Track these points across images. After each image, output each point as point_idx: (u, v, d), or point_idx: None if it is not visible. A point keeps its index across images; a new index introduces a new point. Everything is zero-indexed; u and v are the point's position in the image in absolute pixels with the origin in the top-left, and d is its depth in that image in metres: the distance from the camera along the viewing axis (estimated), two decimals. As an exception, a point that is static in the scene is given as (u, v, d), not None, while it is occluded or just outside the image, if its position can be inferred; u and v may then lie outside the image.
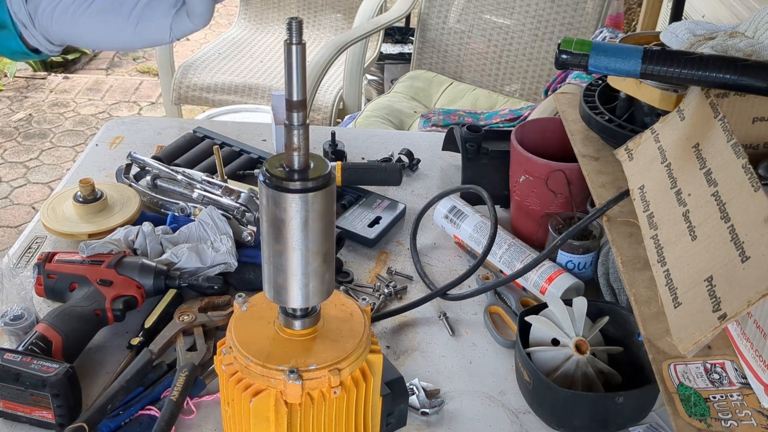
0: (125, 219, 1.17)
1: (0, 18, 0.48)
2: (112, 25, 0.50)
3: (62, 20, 0.49)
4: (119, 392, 0.88)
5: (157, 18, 0.49)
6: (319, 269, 0.55)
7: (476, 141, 1.24)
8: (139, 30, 0.49)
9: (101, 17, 0.50)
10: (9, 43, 0.52)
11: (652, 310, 0.81)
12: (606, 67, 0.88)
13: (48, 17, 0.49)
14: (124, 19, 0.50)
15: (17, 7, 0.46)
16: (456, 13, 2.46)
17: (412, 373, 0.98)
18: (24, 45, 0.52)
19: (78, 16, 0.49)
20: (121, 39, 0.51)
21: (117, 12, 0.49)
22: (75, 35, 0.51)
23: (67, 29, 0.50)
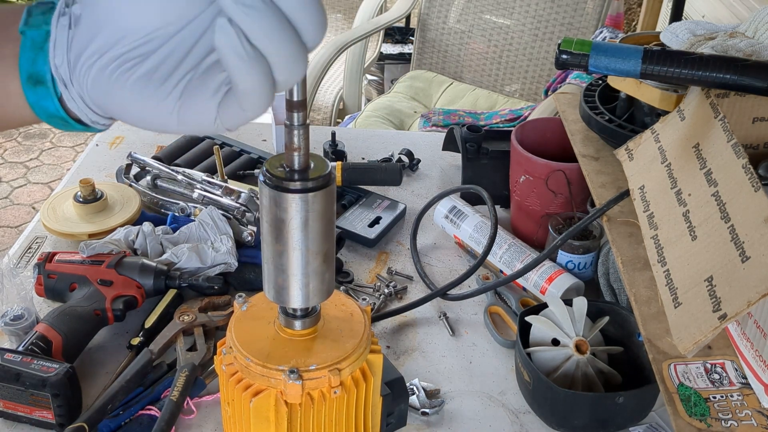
0: (125, 219, 1.17)
1: (38, 71, 0.43)
2: (151, 99, 0.42)
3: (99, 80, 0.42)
4: (119, 392, 0.88)
5: (201, 99, 0.42)
6: (319, 269, 0.55)
7: (476, 141, 1.24)
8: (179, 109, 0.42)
9: (140, 86, 0.42)
10: (45, 102, 0.44)
11: (652, 310, 0.81)
12: (606, 67, 0.88)
13: (85, 72, 0.42)
14: (165, 94, 0.42)
15: (60, 60, 0.42)
16: (456, 13, 2.46)
17: (412, 373, 0.98)
18: (63, 109, 0.45)
19: (115, 80, 0.42)
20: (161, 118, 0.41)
21: (159, 83, 0.41)
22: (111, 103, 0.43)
23: (103, 93, 0.43)
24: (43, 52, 0.43)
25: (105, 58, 0.41)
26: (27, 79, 0.43)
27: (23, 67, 0.43)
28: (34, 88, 0.44)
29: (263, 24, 0.39)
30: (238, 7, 0.38)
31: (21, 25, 0.43)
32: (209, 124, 0.42)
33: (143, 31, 0.41)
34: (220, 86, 0.41)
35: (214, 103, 0.42)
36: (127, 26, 0.41)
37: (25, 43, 0.43)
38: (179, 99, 0.41)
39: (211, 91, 0.41)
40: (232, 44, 0.39)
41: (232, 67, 0.40)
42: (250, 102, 0.41)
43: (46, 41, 0.43)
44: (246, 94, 0.40)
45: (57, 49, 0.42)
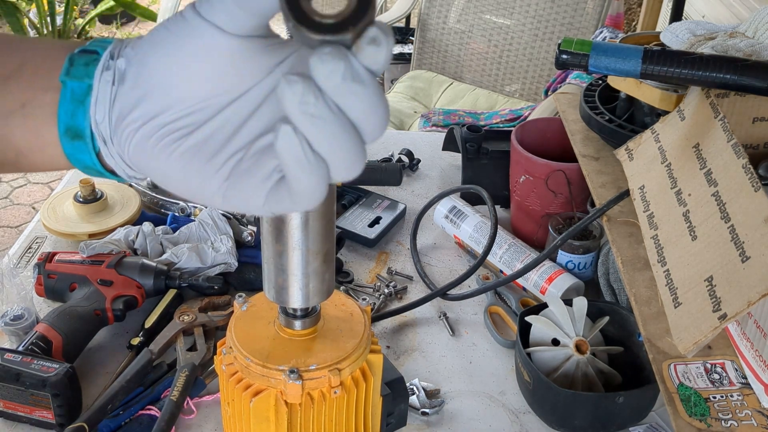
0: (125, 219, 1.17)
1: (77, 125, 0.41)
2: (197, 175, 0.40)
3: (142, 147, 0.40)
4: (119, 392, 0.88)
5: (250, 183, 0.39)
6: (319, 269, 0.55)
7: (476, 141, 1.24)
8: (226, 190, 0.40)
9: (186, 160, 0.40)
10: (82, 156, 0.42)
11: (652, 310, 0.81)
12: (606, 67, 0.88)
13: (128, 136, 0.40)
14: (212, 172, 0.39)
15: (101, 117, 0.40)
16: (456, 13, 2.46)
17: (412, 373, 0.98)
18: (100, 162, 0.43)
19: (160, 150, 0.39)
20: (206, 195, 0.41)
21: (206, 159, 0.39)
22: (153, 171, 0.41)
23: (145, 160, 0.40)
24: (84, 106, 0.41)
25: (150, 125, 0.40)
26: (65, 132, 0.42)
27: (62, 119, 0.42)
28: (71, 141, 0.42)
29: (328, 132, 0.37)
30: (306, 117, 0.36)
31: (62, 74, 0.41)
32: (256, 209, 0.40)
33: (192, 99, 0.39)
34: (271, 173, 0.39)
35: (263, 190, 0.39)
36: (175, 94, 0.39)
37: (65, 94, 0.41)
38: (226, 180, 0.40)
39: (261, 177, 0.39)
40: (294, 152, 0.37)
41: (291, 171, 0.38)
42: (304, 200, 0.39)
43: (88, 95, 0.41)
44: (301, 193, 0.39)
45: (98, 106, 0.41)
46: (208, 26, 0.38)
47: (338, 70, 0.35)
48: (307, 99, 0.36)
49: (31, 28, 4.00)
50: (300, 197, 0.39)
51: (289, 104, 0.36)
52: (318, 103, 0.36)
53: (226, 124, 0.40)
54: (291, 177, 0.38)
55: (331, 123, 0.36)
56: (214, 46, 0.39)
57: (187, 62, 0.39)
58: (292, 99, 0.36)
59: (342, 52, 0.36)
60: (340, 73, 0.35)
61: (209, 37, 0.39)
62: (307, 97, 0.36)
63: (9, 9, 3.73)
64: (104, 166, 0.43)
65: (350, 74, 0.36)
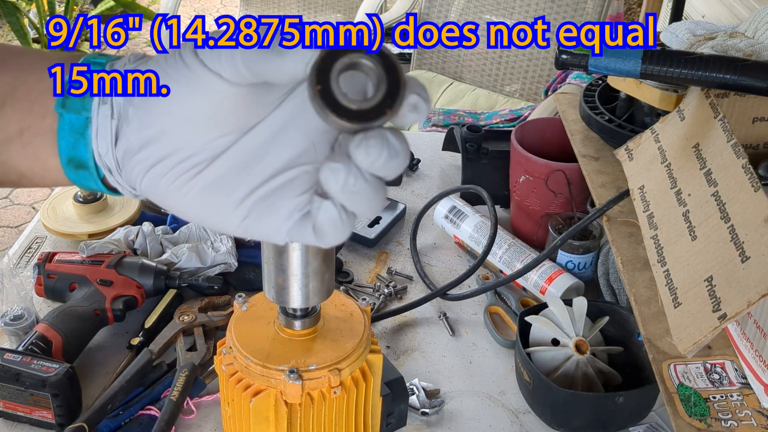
0: (125, 219, 1.17)
1: (79, 156, 0.41)
2: (217, 212, 0.40)
3: (155, 184, 0.40)
4: (119, 392, 0.89)
5: (274, 219, 0.40)
6: (319, 269, 0.55)
7: (476, 141, 1.24)
8: (246, 224, 0.40)
9: (204, 194, 0.40)
10: (87, 182, 0.42)
11: (652, 310, 0.81)
12: (606, 67, 0.88)
13: (138, 174, 0.40)
14: (232, 208, 0.40)
15: (104, 149, 0.40)
16: (456, 13, 2.46)
17: (412, 373, 0.98)
18: (104, 185, 0.43)
19: (176, 186, 0.40)
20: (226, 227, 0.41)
21: (226, 195, 0.40)
22: (167, 204, 0.41)
23: (159, 195, 0.41)
24: (84, 138, 0.41)
25: (161, 166, 0.40)
26: (67, 162, 0.42)
27: (63, 150, 0.41)
28: (75, 170, 0.42)
29: (365, 200, 0.39)
30: (346, 194, 0.38)
31: (57, 106, 0.41)
32: (278, 241, 0.41)
33: (200, 141, 0.39)
34: (292, 212, 0.40)
35: (286, 226, 0.40)
36: (183, 136, 0.39)
37: (63, 126, 0.41)
38: (246, 218, 0.40)
39: (283, 215, 0.40)
40: (333, 221, 0.39)
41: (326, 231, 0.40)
42: (330, 242, 0.41)
43: (87, 128, 0.41)
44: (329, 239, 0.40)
45: (100, 140, 0.40)
46: (212, 76, 0.38)
47: (382, 156, 0.37)
48: (348, 181, 0.38)
49: (31, 28, 4.00)
50: (326, 240, 0.41)
51: (333, 188, 0.38)
52: (358, 183, 0.38)
53: (239, 161, 0.40)
54: (323, 233, 0.40)
55: (368, 193, 0.38)
56: (218, 93, 0.39)
57: (191, 108, 0.39)
58: (336, 184, 0.38)
59: (383, 138, 0.37)
60: (384, 157, 0.37)
61: (213, 86, 0.38)
62: (348, 180, 0.38)
63: (9, 9, 3.73)
64: (109, 187, 0.43)
65: (392, 153, 0.37)
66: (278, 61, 0.37)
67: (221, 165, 0.40)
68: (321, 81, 0.36)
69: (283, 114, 0.40)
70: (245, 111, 0.39)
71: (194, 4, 4.98)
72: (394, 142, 0.37)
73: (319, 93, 0.36)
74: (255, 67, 0.37)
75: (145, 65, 0.40)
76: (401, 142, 0.37)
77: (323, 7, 3.06)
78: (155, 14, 4.09)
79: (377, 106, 0.36)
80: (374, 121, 0.36)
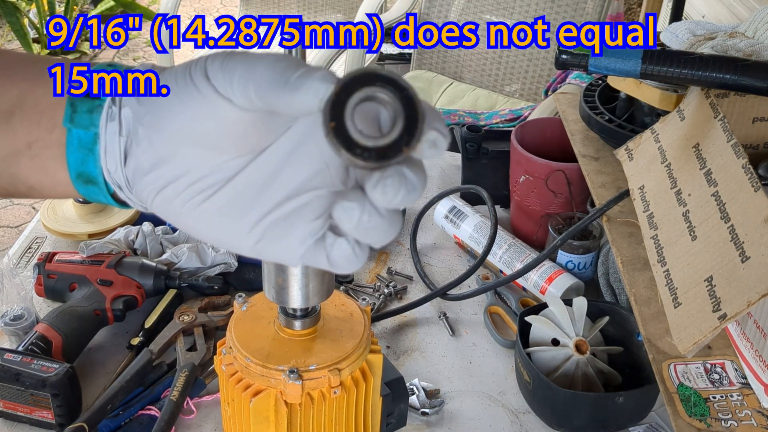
0: (125, 219, 1.17)
1: (88, 172, 0.40)
2: (229, 234, 0.40)
3: (166, 206, 0.40)
4: (119, 392, 0.89)
5: (288, 243, 0.40)
6: (319, 269, 0.55)
7: (476, 141, 1.24)
8: (260, 247, 0.40)
9: (217, 217, 0.40)
10: (97, 197, 0.42)
11: (652, 310, 0.81)
12: (606, 67, 0.88)
13: (149, 194, 0.40)
14: (246, 231, 0.40)
15: (113, 166, 0.40)
16: (456, 13, 2.46)
17: (412, 373, 0.98)
18: (114, 200, 0.43)
19: (189, 209, 0.40)
20: (236, 245, 0.41)
21: (239, 218, 0.39)
22: (180, 223, 0.41)
23: (171, 215, 0.40)
24: (93, 154, 0.40)
25: (172, 188, 0.39)
26: (77, 177, 0.41)
27: (72, 166, 0.41)
28: (84, 185, 0.42)
29: (380, 233, 0.38)
30: (360, 231, 0.38)
31: (65, 121, 0.40)
32: (292, 264, 0.42)
33: (211, 163, 0.39)
34: (306, 238, 0.40)
35: (298, 252, 0.40)
36: (194, 159, 0.39)
37: (71, 142, 0.41)
38: (260, 241, 0.40)
39: (297, 240, 0.40)
40: (347, 257, 0.39)
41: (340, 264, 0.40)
42: (343, 270, 0.41)
43: (95, 143, 0.40)
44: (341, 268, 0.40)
45: (109, 157, 0.40)
46: (223, 101, 0.38)
47: (400, 194, 0.36)
48: (363, 219, 0.37)
49: (31, 28, 4.00)
50: (340, 270, 0.41)
51: (347, 227, 0.38)
52: (372, 219, 0.37)
53: (252, 183, 0.40)
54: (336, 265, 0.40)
55: (383, 227, 0.38)
56: (229, 118, 0.38)
57: (201, 130, 0.39)
58: (350, 223, 0.38)
59: (401, 176, 0.36)
60: (401, 195, 0.36)
61: (224, 111, 0.38)
62: (363, 218, 0.37)
63: (9, 9, 3.73)
64: (119, 201, 0.43)
65: (409, 189, 0.36)
66: (292, 95, 0.36)
67: (233, 188, 0.39)
68: (335, 117, 0.35)
69: (296, 134, 0.40)
70: (256, 134, 0.39)
71: (194, 4, 4.98)
72: (412, 177, 0.36)
73: (333, 130, 0.35)
74: (268, 98, 0.37)
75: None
76: (419, 177, 0.36)
77: (323, 7, 3.06)
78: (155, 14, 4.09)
79: (394, 144, 0.35)
80: (391, 160, 0.35)
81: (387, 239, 0.39)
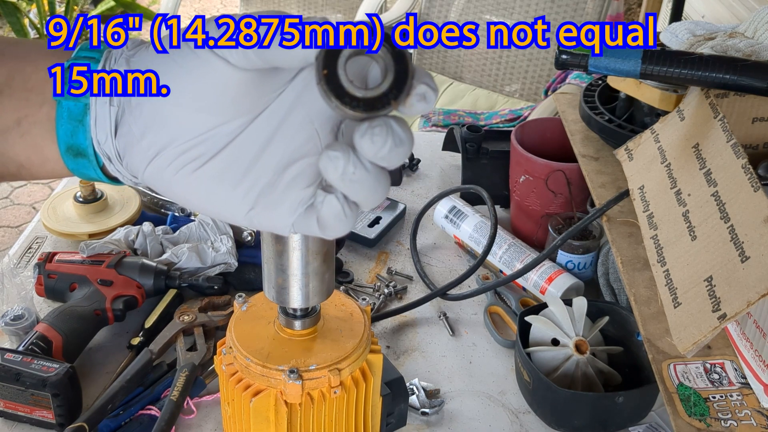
0: (125, 219, 1.17)
1: (78, 144, 0.40)
2: (222, 201, 0.40)
3: (158, 174, 0.40)
4: (119, 392, 0.89)
5: (280, 211, 0.40)
6: (319, 269, 0.55)
7: (476, 141, 1.24)
8: (252, 215, 0.40)
9: (209, 185, 0.40)
10: (86, 171, 0.42)
11: (652, 310, 0.81)
12: (606, 67, 0.88)
13: (140, 164, 0.40)
14: (239, 199, 0.40)
15: (102, 137, 0.40)
16: (456, 13, 2.46)
17: (412, 373, 0.98)
18: (104, 174, 0.42)
19: (181, 176, 0.39)
20: (231, 216, 0.41)
21: (232, 186, 0.39)
22: (171, 193, 0.41)
23: (162, 185, 0.40)
24: (83, 125, 0.40)
25: (165, 155, 0.39)
26: (66, 150, 0.41)
27: (61, 138, 0.41)
28: (74, 158, 0.42)
29: (366, 189, 0.39)
30: (346, 183, 0.38)
31: (55, 93, 0.41)
32: (282, 231, 0.42)
33: (203, 128, 0.39)
34: (298, 205, 0.40)
35: (291, 218, 0.40)
36: (187, 124, 0.39)
37: (61, 114, 0.41)
38: (252, 208, 0.40)
39: (288, 209, 0.40)
40: (336, 213, 0.39)
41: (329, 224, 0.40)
42: (334, 234, 0.41)
43: (86, 114, 0.40)
44: (332, 231, 0.41)
45: (99, 127, 0.40)
46: (219, 60, 0.38)
47: (387, 145, 0.37)
48: (347, 170, 0.37)
49: (32, 28, 4.00)
50: (330, 233, 0.41)
51: (332, 177, 0.38)
52: (357, 171, 0.37)
53: (246, 150, 0.40)
54: (326, 225, 0.40)
55: (369, 182, 0.38)
56: (224, 78, 0.38)
57: (195, 93, 0.39)
58: (335, 172, 0.37)
59: (388, 127, 0.36)
60: (387, 146, 0.37)
61: (219, 71, 0.38)
62: (347, 168, 0.37)
63: (9, 9, 3.73)
64: (108, 176, 0.43)
65: (396, 142, 0.37)
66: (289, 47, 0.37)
67: (227, 155, 0.40)
68: (328, 65, 0.35)
69: (287, 100, 0.40)
70: (249, 98, 0.39)
71: (194, 4, 4.98)
72: (399, 131, 0.37)
73: (325, 78, 0.35)
74: (265, 52, 0.37)
75: (147, 51, 0.40)
76: (406, 131, 0.37)
77: (323, 7, 3.07)
78: (155, 14, 4.10)
79: (384, 95, 0.36)
80: (380, 110, 0.36)
81: (375, 198, 0.39)
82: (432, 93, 0.37)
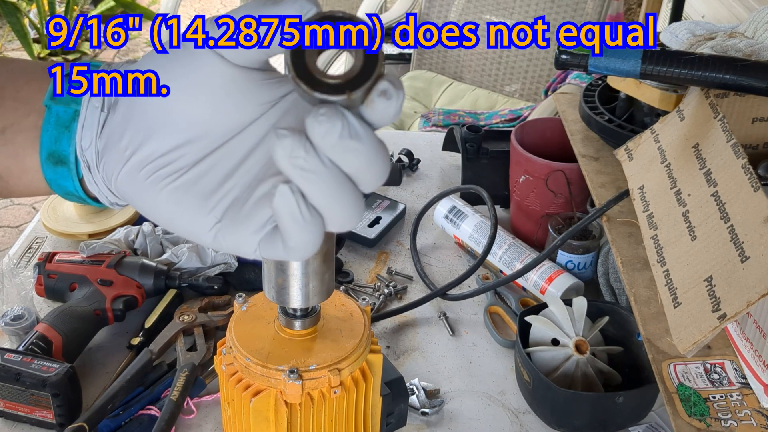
0: (125, 219, 1.17)
1: (61, 151, 0.40)
2: (188, 214, 0.39)
3: (131, 177, 0.38)
4: (119, 392, 0.89)
5: (242, 230, 0.39)
6: (319, 269, 0.55)
7: (476, 141, 1.24)
8: (217, 232, 0.39)
9: (178, 198, 0.38)
10: (64, 182, 0.41)
11: (652, 310, 0.81)
12: (606, 67, 0.88)
13: (115, 166, 0.39)
14: (205, 213, 0.38)
15: (87, 142, 0.39)
16: (456, 13, 2.46)
17: (412, 373, 0.98)
18: (82, 189, 0.42)
19: (149, 185, 0.38)
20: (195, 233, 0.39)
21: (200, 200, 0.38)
22: (140, 203, 0.39)
23: (132, 192, 0.39)
24: (69, 132, 0.40)
25: (139, 156, 0.39)
26: (47, 157, 0.41)
27: (45, 144, 0.40)
28: (54, 167, 0.41)
29: (322, 186, 0.36)
30: (296, 171, 0.36)
31: (47, 99, 0.40)
32: (247, 254, 0.40)
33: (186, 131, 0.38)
34: (265, 224, 0.39)
35: (256, 238, 0.39)
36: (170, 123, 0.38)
37: (49, 119, 0.40)
38: (219, 222, 0.39)
39: (254, 227, 0.39)
40: (290, 209, 0.37)
41: (286, 227, 0.38)
42: (297, 253, 0.39)
43: (74, 121, 0.40)
44: (295, 247, 0.38)
45: (85, 131, 0.39)
46: (210, 53, 0.38)
47: (335, 131, 0.35)
48: (296, 153, 0.35)
49: (32, 28, 4.00)
50: (293, 251, 0.39)
51: (280, 158, 0.36)
52: (308, 158, 0.35)
53: (221, 163, 0.39)
54: (285, 231, 0.38)
55: (324, 177, 0.36)
56: (214, 73, 0.38)
57: (184, 88, 0.38)
58: (282, 153, 0.35)
59: (338, 111, 0.35)
60: (336, 133, 0.35)
61: (209, 65, 0.38)
62: (296, 151, 0.35)
63: (9, 9, 3.73)
64: (86, 192, 0.42)
65: (347, 132, 0.35)
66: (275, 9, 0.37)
67: (204, 164, 0.39)
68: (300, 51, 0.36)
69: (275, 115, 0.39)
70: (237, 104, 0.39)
71: (194, 4, 4.98)
72: (354, 123, 0.35)
73: (292, 54, 0.36)
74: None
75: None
76: (365, 129, 0.35)
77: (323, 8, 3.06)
78: (155, 14, 4.10)
79: (342, 83, 0.35)
80: (335, 95, 0.35)
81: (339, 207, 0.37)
82: (395, 90, 0.35)
